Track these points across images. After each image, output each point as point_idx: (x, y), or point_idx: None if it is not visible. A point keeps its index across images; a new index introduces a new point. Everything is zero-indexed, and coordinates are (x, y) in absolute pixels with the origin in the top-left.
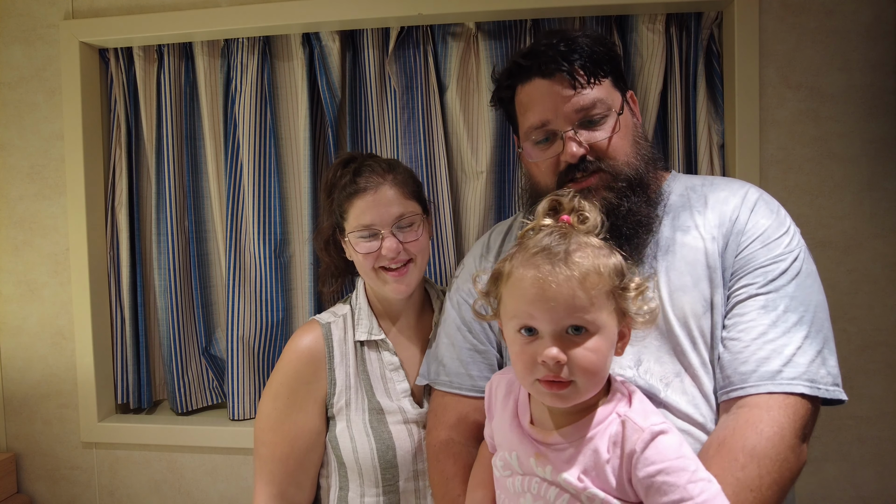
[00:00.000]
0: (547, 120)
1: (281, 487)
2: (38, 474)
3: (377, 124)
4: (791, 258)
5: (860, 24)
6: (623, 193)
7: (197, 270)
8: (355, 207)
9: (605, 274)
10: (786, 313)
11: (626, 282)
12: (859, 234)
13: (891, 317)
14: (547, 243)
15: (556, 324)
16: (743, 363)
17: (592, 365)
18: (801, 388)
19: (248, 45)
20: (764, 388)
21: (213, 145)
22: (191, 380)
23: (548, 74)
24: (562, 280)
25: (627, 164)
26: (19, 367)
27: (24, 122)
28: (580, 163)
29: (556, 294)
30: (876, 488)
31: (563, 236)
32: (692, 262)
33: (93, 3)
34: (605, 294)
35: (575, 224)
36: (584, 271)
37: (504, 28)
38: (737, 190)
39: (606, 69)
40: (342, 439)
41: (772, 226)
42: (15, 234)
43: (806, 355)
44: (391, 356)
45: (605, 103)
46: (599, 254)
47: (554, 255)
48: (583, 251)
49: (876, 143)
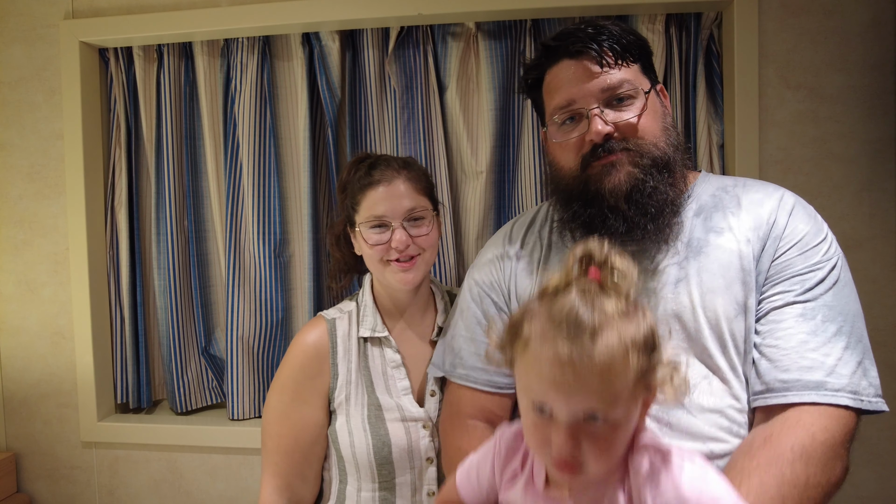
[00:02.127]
0: (573, 99)
1: (287, 479)
2: (37, 474)
3: (377, 124)
4: (829, 267)
5: (859, 24)
6: (648, 171)
7: (196, 270)
8: (368, 198)
9: (633, 357)
10: (824, 323)
11: (655, 359)
12: (859, 234)
13: (891, 317)
14: (569, 316)
15: (573, 412)
16: (784, 371)
17: (607, 453)
18: (846, 401)
19: (247, 44)
20: (808, 397)
21: (212, 145)
22: (190, 380)
23: (575, 55)
24: (583, 368)
25: (655, 145)
26: (19, 366)
27: (24, 121)
28: (605, 142)
29: (576, 383)
30: (875, 488)
31: (591, 302)
32: (726, 264)
33: (93, 3)
34: (631, 380)
35: (608, 283)
36: (611, 359)
37: (504, 28)
38: (772, 192)
39: (636, 54)
40: (341, 434)
41: (810, 232)
42: (14, 234)
43: (847, 366)
44: (393, 353)
45: (632, 84)
46: (630, 328)
47: (579, 335)
48: (611, 328)
49: (875, 144)
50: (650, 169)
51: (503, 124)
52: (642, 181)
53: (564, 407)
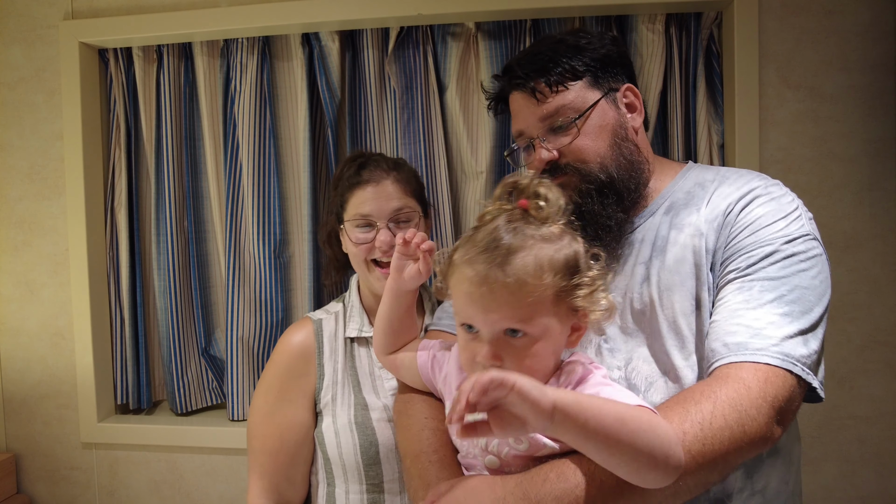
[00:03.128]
0: (521, 130)
1: (273, 481)
2: (37, 475)
3: (377, 124)
4: (781, 241)
5: (859, 24)
6: (589, 195)
7: (196, 271)
8: (356, 197)
9: (548, 277)
10: (761, 293)
11: (576, 280)
12: (859, 234)
13: (891, 317)
14: (490, 239)
15: (491, 327)
16: (713, 342)
17: (528, 369)
18: (769, 360)
19: (247, 45)
20: (727, 359)
21: (212, 145)
22: (190, 380)
23: (518, 87)
24: (498, 286)
25: (600, 165)
26: (19, 367)
27: (24, 122)
28: (552, 167)
29: (492, 300)
30: (876, 488)
31: (514, 228)
32: (680, 259)
33: (92, 4)
34: (548, 298)
35: (532, 209)
36: (522, 278)
37: (504, 28)
38: (742, 185)
39: (580, 71)
40: (327, 435)
41: (767, 213)
42: (14, 235)
43: (781, 330)
44: None
45: (571, 108)
46: (548, 250)
47: (493, 256)
48: (527, 251)
49: (876, 143)
50: (592, 193)
51: (503, 124)
52: (580, 206)
53: (484, 323)
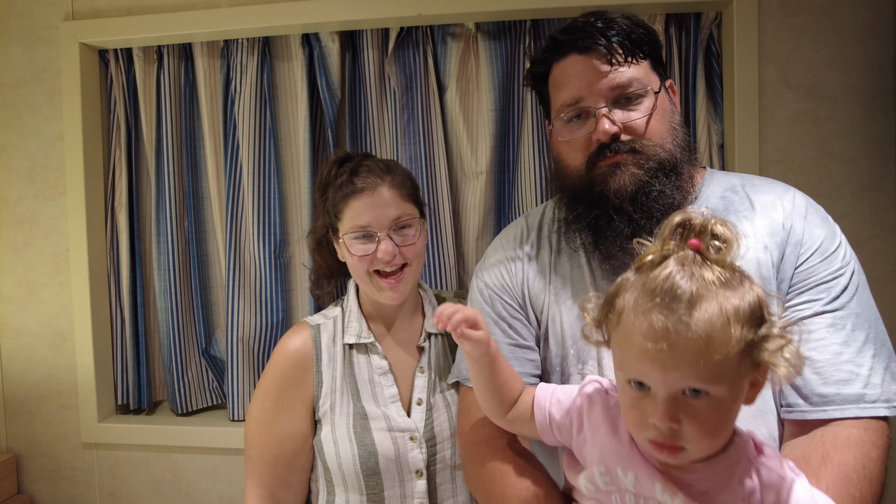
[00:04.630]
0: (580, 96)
1: (271, 489)
2: (38, 475)
3: (377, 125)
4: (849, 272)
5: (859, 24)
6: (654, 174)
7: (197, 271)
8: (351, 208)
9: (736, 330)
10: (854, 332)
11: (763, 331)
12: (859, 234)
13: (891, 317)
14: (669, 285)
15: (670, 387)
16: (822, 384)
17: (710, 431)
18: (884, 412)
19: (247, 45)
20: (850, 412)
21: (212, 146)
22: (190, 380)
23: (584, 50)
24: (682, 342)
25: (662, 147)
26: (19, 367)
27: (25, 123)
28: (612, 142)
29: (673, 357)
30: None
31: (692, 273)
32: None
33: (93, 5)
34: (735, 354)
35: (706, 251)
36: (712, 330)
37: (504, 28)
38: (782, 193)
39: (646, 50)
40: (326, 444)
41: (827, 236)
42: (15, 235)
43: (878, 375)
44: (380, 360)
45: (642, 83)
46: (732, 296)
47: (676, 306)
48: (711, 299)
49: (876, 143)
50: (656, 172)
51: (503, 124)
52: (647, 183)
53: (661, 382)
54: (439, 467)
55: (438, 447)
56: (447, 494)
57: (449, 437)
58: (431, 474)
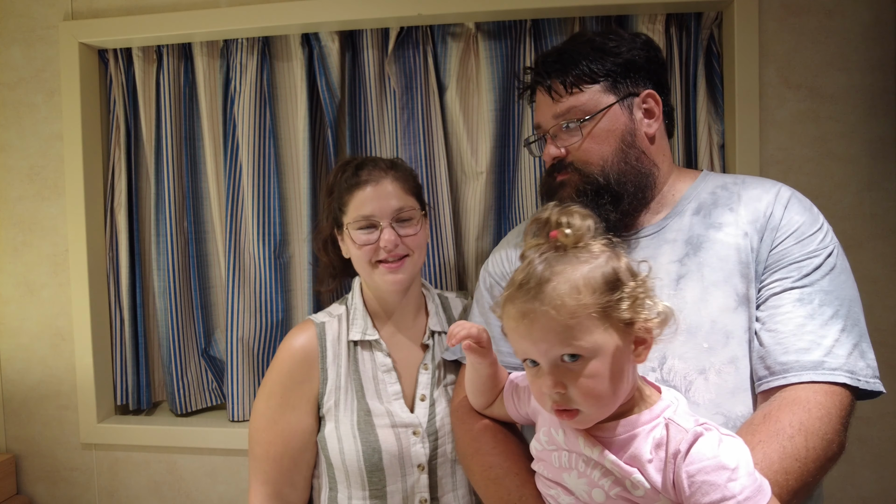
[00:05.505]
0: (538, 123)
1: (276, 487)
2: (37, 476)
3: (377, 125)
4: (825, 254)
5: (860, 24)
6: (585, 194)
7: (196, 271)
8: (356, 199)
9: (585, 295)
10: (821, 307)
11: (617, 294)
12: (859, 234)
13: (891, 317)
14: (524, 275)
15: (546, 356)
16: (783, 353)
17: (592, 391)
18: (843, 379)
19: (247, 45)
20: (807, 376)
21: (212, 146)
22: (190, 381)
23: (538, 83)
24: (538, 315)
25: (601, 168)
26: (18, 368)
27: (24, 122)
28: (557, 163)
29: (536, 330)
30: (876, 488)
31: (545, 258)
32: (724, 257)
33: (92, 4)
34: (593, 317)
35: (560, 238)
36: (557, 302)
37: (504, 28)
38: (769, 188)
39: (599, 74)
40: (330, 440)
41: (806, 222)
42: (14, 235)
43: (844, 348)
44: (384, 357)
45: (581, 110)
46: (582, 270)
47: (531, 287)
48: (559, 276)
49: (876, 143)
50: (588, 192)
51: (503, 124)
52: (583, 203)
53: (538, 353)
54: (440, 461)
55: (440, 441)
56: (448, 488)
57: (450, 432)
58: (433, 468)
